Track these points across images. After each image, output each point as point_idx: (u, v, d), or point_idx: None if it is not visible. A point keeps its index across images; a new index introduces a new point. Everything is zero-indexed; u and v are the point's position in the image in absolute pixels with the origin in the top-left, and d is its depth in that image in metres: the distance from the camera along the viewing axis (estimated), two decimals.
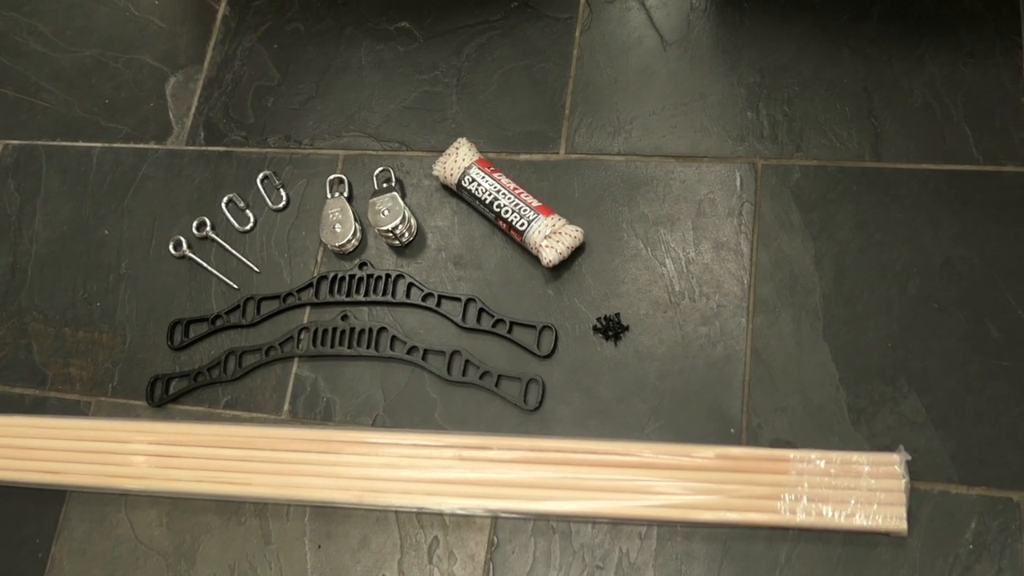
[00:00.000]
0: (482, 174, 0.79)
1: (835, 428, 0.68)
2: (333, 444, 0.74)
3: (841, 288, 0.72)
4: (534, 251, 0.77)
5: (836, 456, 0.65)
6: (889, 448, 0.66)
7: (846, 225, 0.74)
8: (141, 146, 0.93)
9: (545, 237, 0.76)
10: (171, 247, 0.86)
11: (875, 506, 0.63)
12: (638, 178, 0.79)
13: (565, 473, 0.69)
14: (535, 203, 0.77)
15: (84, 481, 0.77)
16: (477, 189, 0.79)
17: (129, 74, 0.96)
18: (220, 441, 0.76)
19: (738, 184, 0.77)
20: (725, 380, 0.71)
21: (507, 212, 0.77)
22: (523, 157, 0.83)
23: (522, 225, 0.76)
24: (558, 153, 0.82)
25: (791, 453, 0.66)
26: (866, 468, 0.64)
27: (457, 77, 0.87)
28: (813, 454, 0.65)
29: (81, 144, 0.94)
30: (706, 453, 0.68)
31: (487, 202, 0.78)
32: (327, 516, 0.73)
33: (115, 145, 0.93)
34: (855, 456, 0.65)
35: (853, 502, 0.63)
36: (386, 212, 0.80)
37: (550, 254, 0.75)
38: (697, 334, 0.73)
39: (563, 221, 0.77)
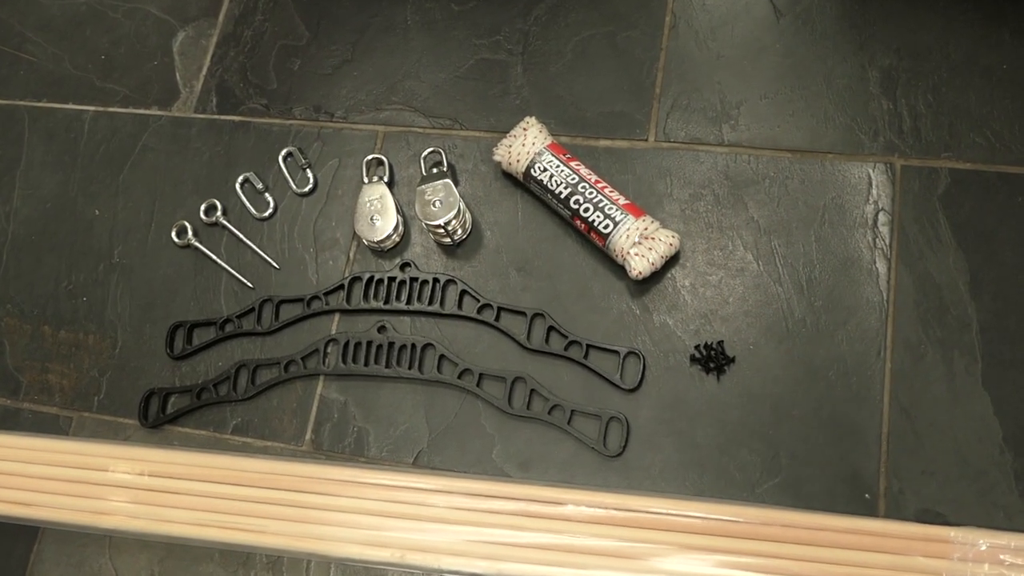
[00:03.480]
0: (556, 162, 0.65)
1: (999, 500, 0.55)
2: (367, 487, 0.60)
3: (1005, 323, 0.58)
4: (619, 259, 0.63)
5: (1009, 539, 0.52)
6: None
7: (1010, 244, 0.60)
8: (142, 112, 0.78)
9: (634, 244, 0.62)
10: (174, 234, 0.72)
11: None
12: (746, 175, 0.65)
13: (656, 539, 0.56)
14: (622, 200, 0.63)
15: (61, 516, 0.63)
16: (550, 180, 0.65)
17: (130, 26, 0.82)
18: (228, 476, 0.62)
19: (872, 188, 0.63)
20: (858, 432, 0.58)
21: (588, 210, 0.63)
22: (603, 143, 0.69)
23: (606, 227, 0.62)
24: (646, 140, 0.68)
25: (951, 532, 0.52)
26: None
27: (523, 44, 0.73)
28: (979, 534, 0.52)
29: (71, 107, 0.80)
30: (836, 524, 0.54)
31: (562, 196, 0.64)
32: None
33: (111, 109, 0.79)
34: None
35: None
36: (438, 203, 0.66)
37: (640, 264, 0.61)
38: (822, 372, 0.59)
39: (656, 224, 0.63)
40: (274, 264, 0.71)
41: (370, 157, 0.71)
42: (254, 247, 0.71)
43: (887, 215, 0.62)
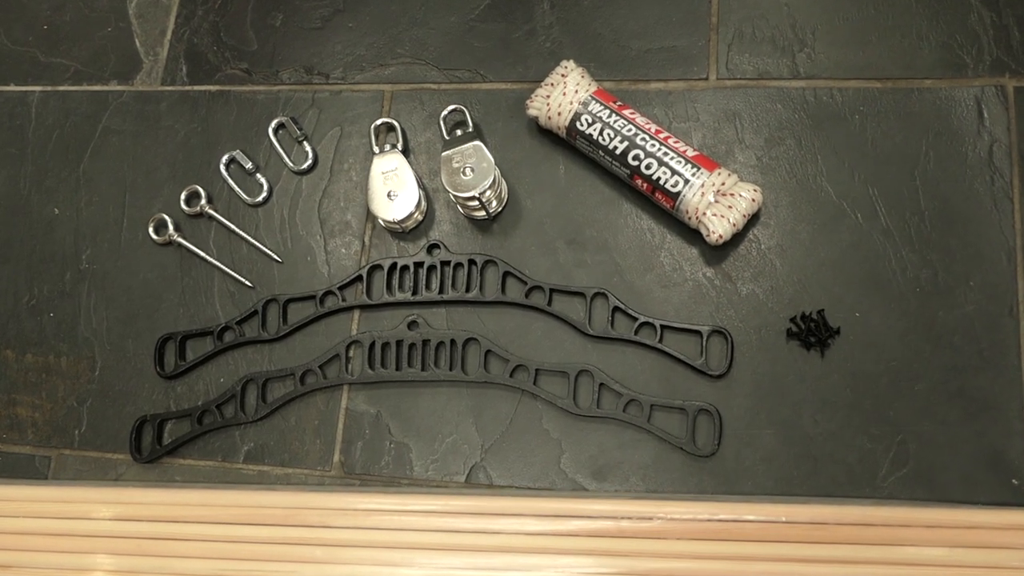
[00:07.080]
0: (607, 111, 0.54)
1: None
2: (413, 515, 0.50)
3: None
4: (692, 222, 0.53)
5: None
6: None
7: None
8: (99, 88, 0.66)
9: (710, 203, 0.52)
10: (151, 230, 0.61)
11: None
12: (829, 111, 0.56)
13: (768, 553, 0.47)
14: (690, 152, 0.53)
15: None
16: (601, 134, 0.54)
17: None
18: (244, 514, 0.52)
19: (983, 117, 0.54)
20: (995, 406, 0.49)
21: (651, 167, 0.53)
22: (655, 86, 0.58)
23: (675, 185, 0.52)
24: (707, 79, 0.58)
25: None
26: None
27: None
28: None
29: (13, 89, 0.68)
30: (987, 519, 0.46)
31: (617, 153, 0.54)
32: None
33: (61, 88, 0.67)
34: None
35: None
36: (469, 171, 0.55)
37: (720, 226, 0.52)
38: (945, 338, 0.50)
39: (735, 177, 0.53)
40: (275, 257, 0.60)
41: (378, 122, 0.60)
42: (249, 239, 0.60)
43: (1003, 147, 0.53)
